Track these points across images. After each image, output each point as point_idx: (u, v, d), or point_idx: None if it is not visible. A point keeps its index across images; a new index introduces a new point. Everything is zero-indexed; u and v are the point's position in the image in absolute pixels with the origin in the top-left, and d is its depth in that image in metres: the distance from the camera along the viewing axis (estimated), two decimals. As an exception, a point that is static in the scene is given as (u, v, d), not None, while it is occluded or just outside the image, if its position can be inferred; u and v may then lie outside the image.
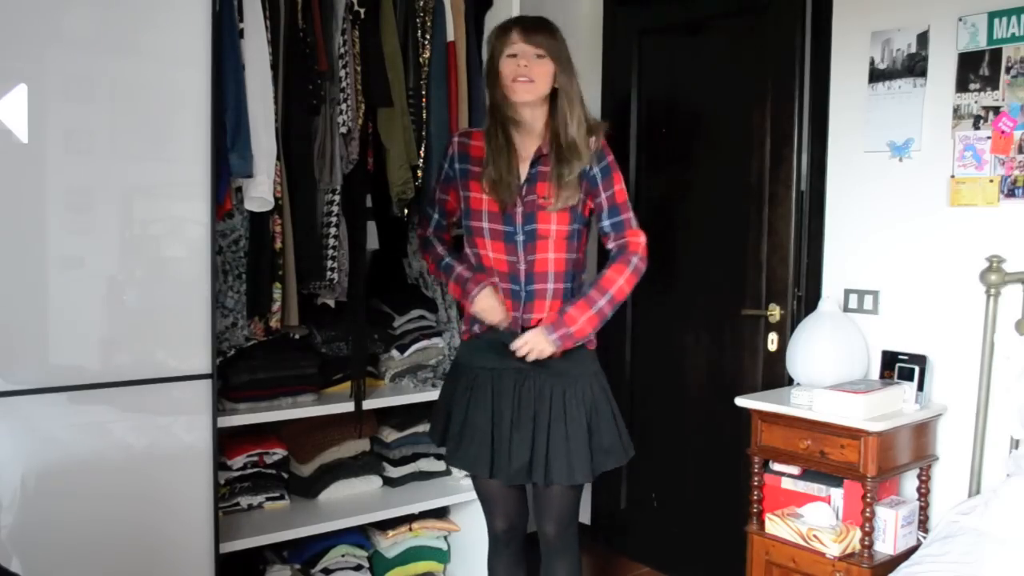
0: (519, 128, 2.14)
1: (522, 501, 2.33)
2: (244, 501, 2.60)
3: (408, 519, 2.86)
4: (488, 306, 2.15)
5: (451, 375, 2.33)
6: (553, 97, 2.12)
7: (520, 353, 2.11)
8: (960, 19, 2.48)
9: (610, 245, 2.22)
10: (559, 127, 2.11)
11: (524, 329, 2.15)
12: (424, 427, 2.93)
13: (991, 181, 2.44)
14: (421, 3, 2.68)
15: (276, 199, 2.36)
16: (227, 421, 2.35)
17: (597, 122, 2.18)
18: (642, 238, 2.20)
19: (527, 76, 2.06)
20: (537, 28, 2.11)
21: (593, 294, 2.13)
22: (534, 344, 2.10)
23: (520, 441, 2.12)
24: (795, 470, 2.55)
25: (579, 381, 2.16)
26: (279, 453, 2.68)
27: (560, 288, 2.17)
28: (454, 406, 2.23)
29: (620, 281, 2.14)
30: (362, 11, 2.54)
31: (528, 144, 2.16)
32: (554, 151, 2.12)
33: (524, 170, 2.15)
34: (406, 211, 2.74)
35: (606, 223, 2.19)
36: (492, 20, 2.87)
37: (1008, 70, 2.39)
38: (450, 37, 2.73)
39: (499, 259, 2.16)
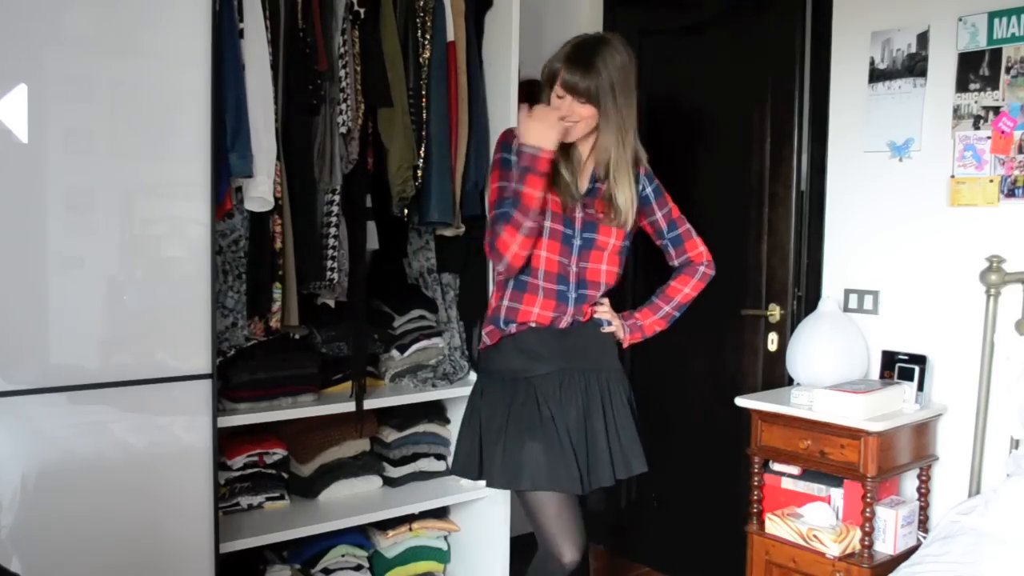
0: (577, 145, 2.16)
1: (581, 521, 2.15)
2: (244, 501, 2.59)
3: (408, 519, 2.86)
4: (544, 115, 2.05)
5: (478, 392, 2.22)
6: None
7: (602, 313, 2.18)
8: (960, 19, 2.48)
9: (674, 262, 2.28)
10: (603, 155, 2.12)
11: (570, 324, 2.14)
12: (424, 427, 2.93)
13: (991, 181, 2.44)
14: (421, 3, 2.68)
15: (276, 199, 2.36)
16: (227, 421, 2.35)
17: (638, 152, 2.19)
18: (703, 247, 2.27)
19: (570, 120, 2.05)
20: (577, 71, 2.03)
21: (658, 302, 2.26)
22: (613, 316, 2.20)
23: (580, 445, 2.07)
24: (795, 470, 2.55)
25: (616, 373, 2.20)
26: (279, 453, 2.68)
27: (601, 293, 2.20)
28: (489, 425, 2.11)
29: (686, 289, 2.26)
30: (362, 11, 2.54)
31: (587, 155, 2.17)
32: (607, 174, 2.14)
33: (584, 182, 2.16)
34: (406, 211, 2.74)
35: (666, 239, 2.26)
36: (492, 20, 2.87)
37: (1008, 70, 2.39)
38: (450, 37, 2.73)
39: (551, 259, 2.12)
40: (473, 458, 2.15)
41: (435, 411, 2.99)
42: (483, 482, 2.16)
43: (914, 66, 2.59)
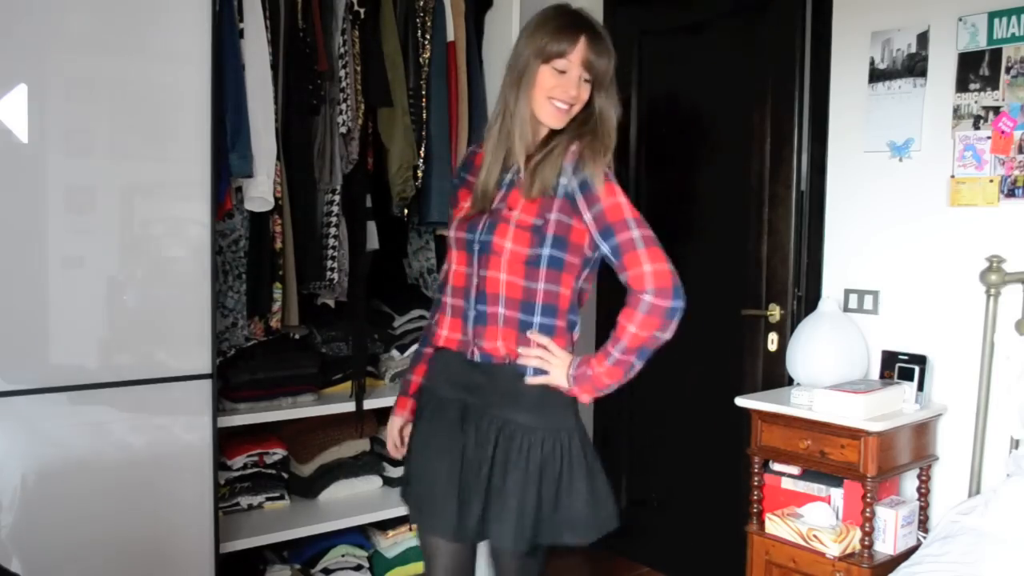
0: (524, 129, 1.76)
1: (469, 564, 1.90)
2: (244, 501, 2.60)
3: (408, 519, 2.86)
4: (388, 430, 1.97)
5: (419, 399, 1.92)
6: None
7: (528, 357, 1.71)
8: (960, 19, 2.48)
9: (622, 281, 1.70)
10: (571, 139, 1.73)
11: (475, 354, 1.74)
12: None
13: (991, 181, 2.44)
14: (421, 3, 2.68)
15: (276, 199, 2.37)
16: (227, 421, 2.35)
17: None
18: (650, 267, 1.64)
19: (568, 103, 1.71)
20: (601, 48, 1.72)
21: (608, 345, 1.69)
22: (549, 364, 1.70)
23: (460, 490, 1.72)
24: (795, 470, 2.55)
25: (542, 431, 1.70)
26: (279, 453, 2.68)
27: (515, 318, 1.71)
28: (416, 439, 1.87)
29: (630, 327, 1.66)
30: (362, 11, 2.54)
31: (525, 145, 1.77)
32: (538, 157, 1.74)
33: (506, 174, 1.78)
34: (406, 211, 2.74)
35: (602, 251, 1.71)
36: (492, 20, 2.87)
37: (1008, 70, 2.39)
38: (450, 37, 2.73)
39: (459, 272, 1.77)
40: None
41: (435, 411, 2.99)
42: None
43: (914, 66, 2.59)
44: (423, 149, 2.68)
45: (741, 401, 2.61)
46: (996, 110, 2.41)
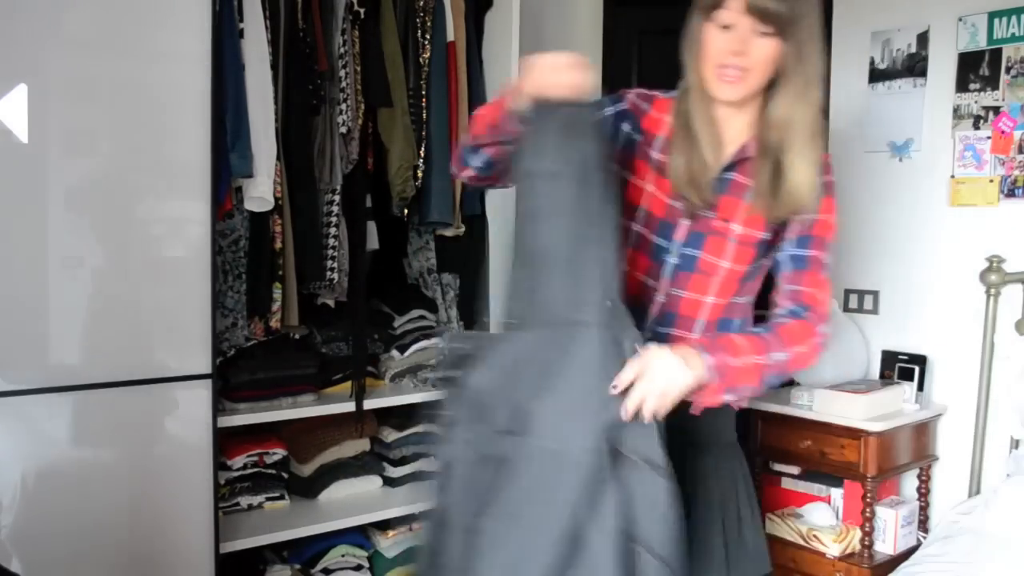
0: (720, 111, 1.42)
1: None
2: (244, 501, 2.59)
3: (408, 519, 2.86)
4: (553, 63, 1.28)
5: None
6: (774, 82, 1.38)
7: (629, 407, 1.23)
8: (960, 19, 2.48)
9: (783, 289, 1.47)
10: (777, 119, 1.38)
11: None
12: (424, 427, 2.93)
13: (991, 181, 2.44)
14: (421, 3, 2.68)
15: (276, 199, 2.36)
16: (227, 421, 2.34)
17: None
18: (826, 300, 1.45)
19: (739, 66, 1.34)
20: None
21: (769, 338, 1.40)
22: (651, 386, 1.24)
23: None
24: (795, 470, 2.55)
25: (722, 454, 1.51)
26: (279, 453, 2.67)
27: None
28: None
29: (803, 349, 1.40)
30: (362, 11, 2.54)
31: (732, 132, 1.43)
32: (763, 159, 1.40)
33: (715, 171, 1.43)
34: (406, 211, 2.74)
35: (785, 253, 1.46)
36: (492, 20, 2.87)
37: (1008, 70, 2.39)
38: (450, 37, 2.73)
39: (633, 275, 1.47)
40: None
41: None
42: None
43: (914, 66, 2.59)
44: (423, 149, 2.68)
45: (741, 401, 2.61)
46: (996, 110, 2.41)
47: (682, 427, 1.35)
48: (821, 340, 1.41)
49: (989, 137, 2.42)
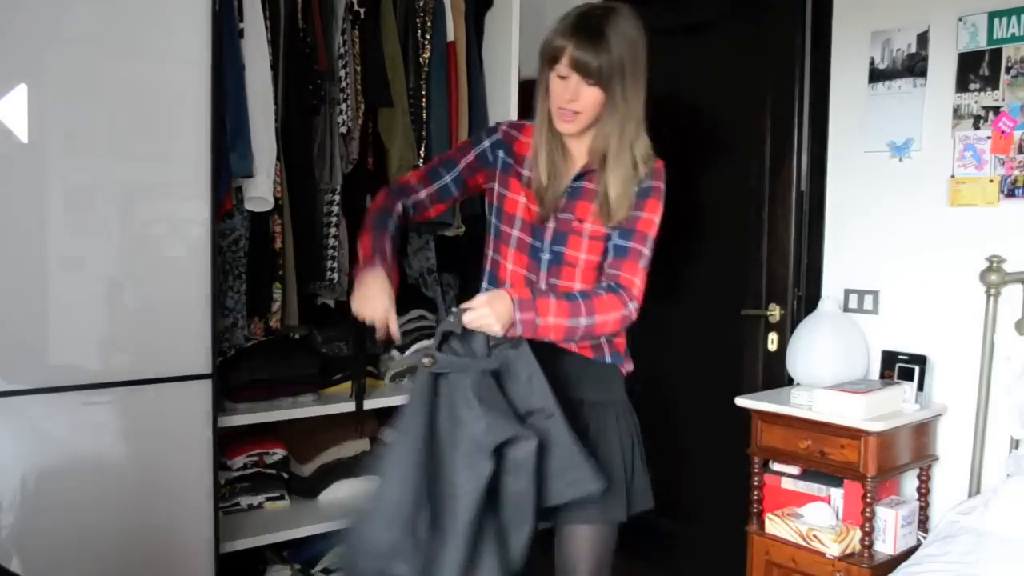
0: (567, 137, 1.81)
1: None
2: (244, 501, 2.59)
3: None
4: (366, 294, 1.71)
5: None
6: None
7: (466, 319, 1.62)
8: (960, 19, 2.48)
9: (606, 271, 1.79)
10: (601, 145, 1.77)
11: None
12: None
13: (991, 181, 2.44)
14: (421, 3, 2.68)
15: (276, 199, 2.37)
16: (227, 421, 2.35)
17: (649, 150, 1.85)
18: (639, 283, 1.75)
19: (571, 109, 1.72)
20: (590, 47, 1.68)
21: (582, 305, 1.69)
22: (487, 312, 1.60)
23: None
24: (795, 470, 2.55)
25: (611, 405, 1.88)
26: (279, 453, 2.68)
27: None
28: None
29: (610, 317, 1.71)
30: (362, 11, 2.55)
31: (579, 151, 1.82)
32: (602, 165, 1.78)
33: (566, 181, 1.81)
34: (406, 211, 2.74)
35: (611, 242, 1.79)
36: (492, 20, 2.87)
37: (1008, 70, 2.39)
38: (450, 37, 2.73)
39: (518, 273, 1.83)
40: None
41: (435, 411, 2.99)
42: None
43: (914, 66, 2.59)
44: (423, 149, 2.68)
45: (741, 401, 2.61)
46: (996, 110, 2.41)
47: (584, 391, 1.83)
48: (627, 313, 1.73)
49: (989, 137, 2.42)
